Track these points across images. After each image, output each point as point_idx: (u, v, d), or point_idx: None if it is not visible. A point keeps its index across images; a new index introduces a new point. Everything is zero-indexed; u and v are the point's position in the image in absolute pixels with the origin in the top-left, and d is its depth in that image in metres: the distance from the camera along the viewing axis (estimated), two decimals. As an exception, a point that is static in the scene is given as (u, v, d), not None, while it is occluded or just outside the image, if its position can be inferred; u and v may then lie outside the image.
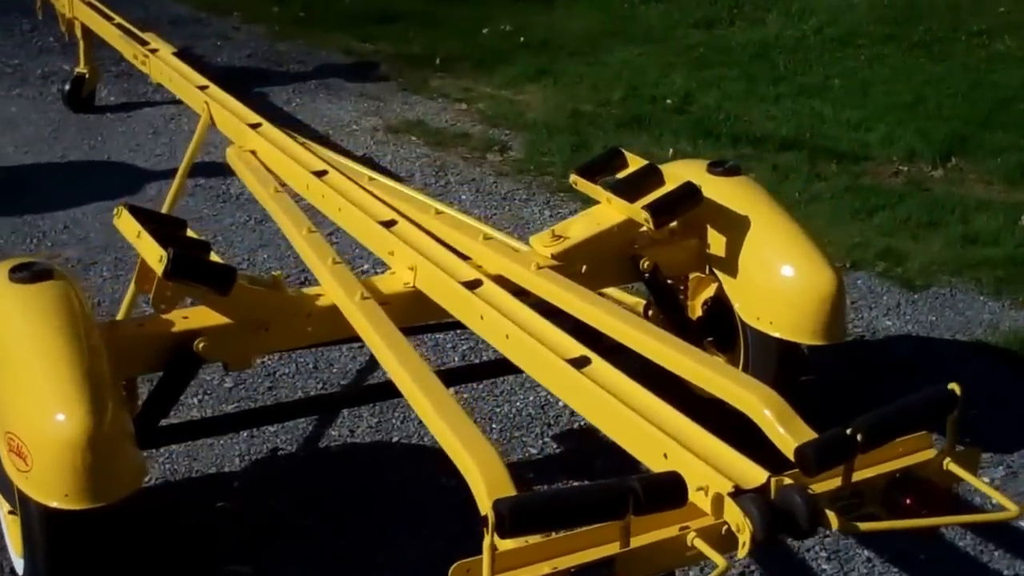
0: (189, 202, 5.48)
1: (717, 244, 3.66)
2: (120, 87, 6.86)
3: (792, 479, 2.46)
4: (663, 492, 2.31)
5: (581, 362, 2.93)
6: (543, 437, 3.88)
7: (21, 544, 3.00)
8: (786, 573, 3.38)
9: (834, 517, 2.38)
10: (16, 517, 3.00)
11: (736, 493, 2.40)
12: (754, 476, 2.47)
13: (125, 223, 3.32)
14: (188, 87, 4.90)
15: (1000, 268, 5.09)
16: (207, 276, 3.15)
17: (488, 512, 2.18)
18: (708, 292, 3.84)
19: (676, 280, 3.92)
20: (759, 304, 3.58)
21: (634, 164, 3.76)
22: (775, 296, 3.53)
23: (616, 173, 3.79)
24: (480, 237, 3.65)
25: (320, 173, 4.05)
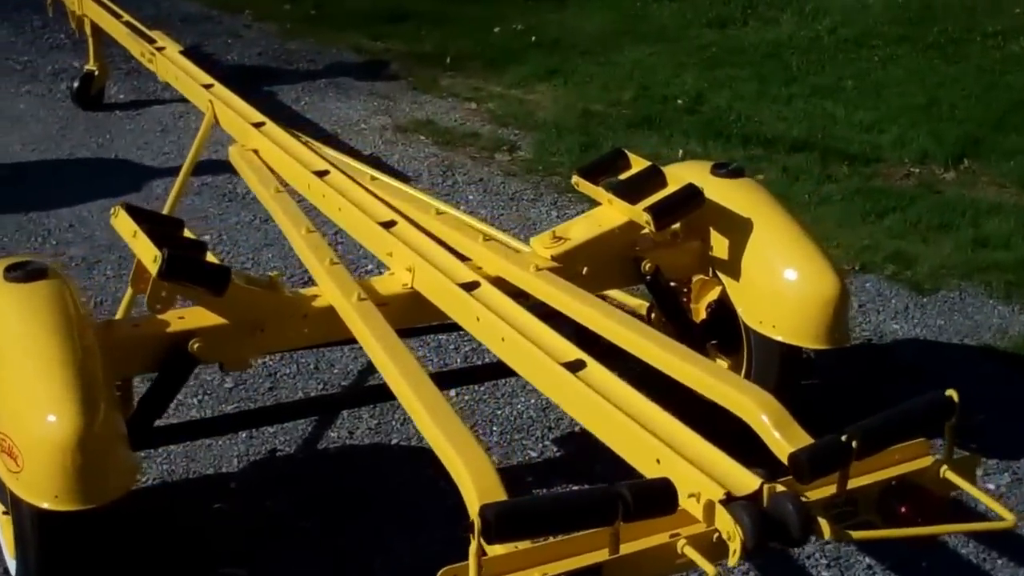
0: (195, 201, 5.48)
1: (720, 246, 3.63)
2: (130, 84, 6.85)
3: (786, 486, 2.44)
4: (653, 499, 2.28)
5: (576, 366, 2.90)
6: (543, 440, 3.85)
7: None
8: (785, 580, 3.36)
9: (826, 525, 2.35)
10: (9, 518, 2.98)
11: (728, 500, 2.37)
12: (746, 483, 2.44)
13: (122, 222, 3.31)
14: (193, 85, 4.89)
15: (1010, 272, 5.04)
16: (202, 277, 3.13)
17: (474, 518, 2.16)
18: (712, 295, 3.81)
19: (680, 283, 3.89)
20: (762, 307, 3.54)
21: (637, 165, 3.74)
22: (778, 299, 3.50)
23: (619, 174, 3.76)
24: (480, 238, 3.63)
25: (321, 173, 4.04)
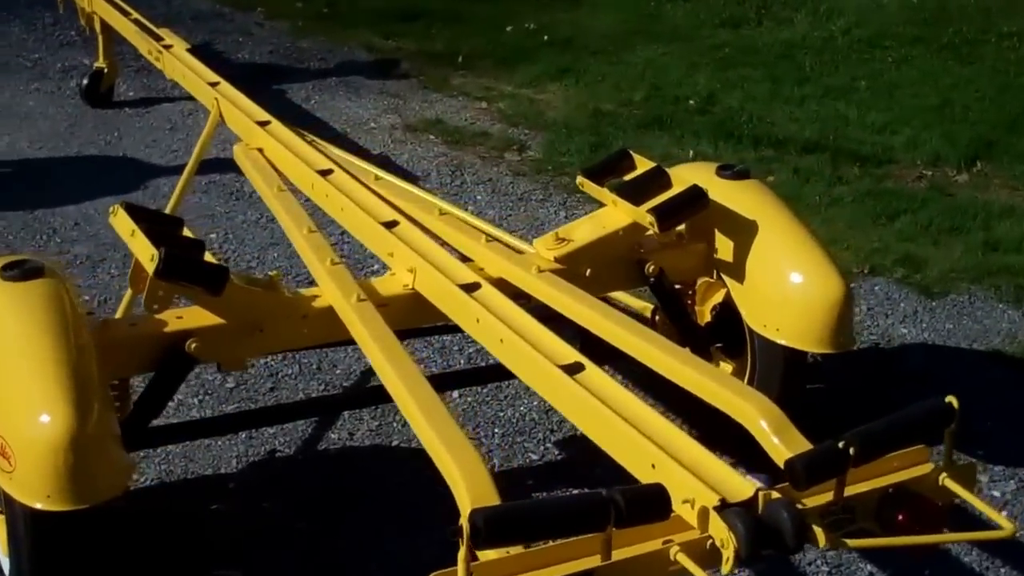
0: (202, 199, 5.46)
1: (724, 249, 3.60)
2: (139, 82, 6.84)
3: (782, 493, 2.41)
4: (646, 504, 2.25)
5: (574, 368, 2.88)
6: (545, 443, 3.82)
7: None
8: (786, 586, 3.33)
9: (821, 533, 2.32)
10: (3, 517, 2.97)
11: (722, 507, 2.34)
12: (741, 489, 2.41)
13: (120, 221, 3.29)
14: (199, 83, 4.88)
15: (1021, 276, 5.00)
16: (199, 276, 3.11)
17: (464, 522, 2.13)
18: (717, 297, 3.78)
19: (685, 285, 3.86)
20: (766, 310, 3.51)
21: (642, 166, 3.71)
22: (782, 303, 3.46)
23: (624, 175, 3.73)
24: (482, 239, 3.61)
25: (325, 172, 4.01)
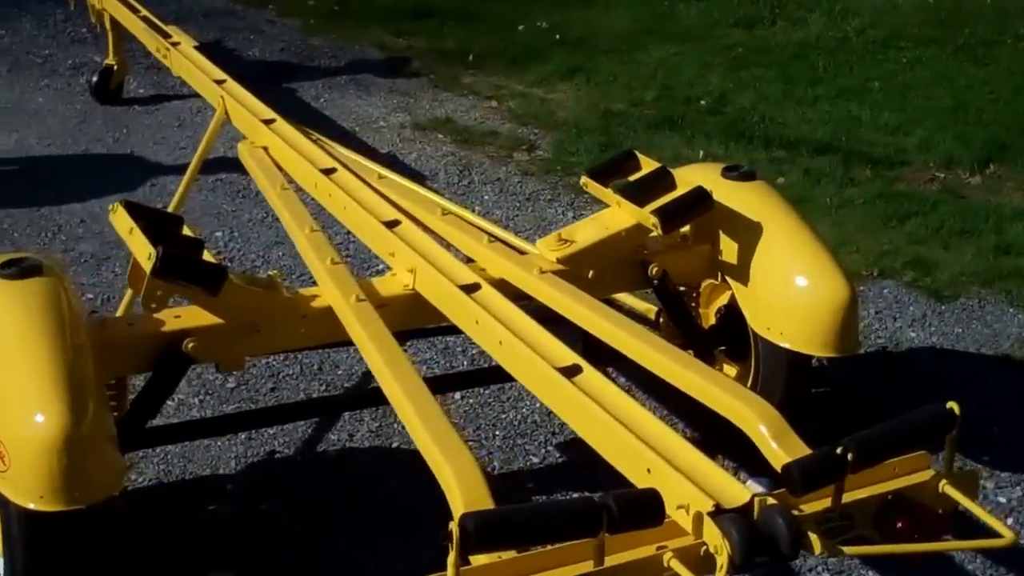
0: (208, 197, 5.45)
1: (729, 251, 3.57)
2: (149, 79, 6.82)
3: (779, 499, 2.38)
4: (639, 510, 2.23)
5: (572, 371, 2.86)
6: (546, 446, 3.79)
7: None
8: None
9: (817, 540, 2.29)
10: (-2, 516, 2.95)
11: (717, 512, 2.32)
12: (737, 495, 2.39)
13: (119, 219, 3.27)
14: (205, 81, 4.87)
15: (1032, 280, 4.96)
16: (196, 275, 3.09)
17: (453, 526, 2.11)
18: (722, 300, 3.75)
19: (690, 287, 3.83)
20: (770, 314, 3.48)
21: (646, 167, 3.68)
22: (786, 306, 3.43)
23: (628, 175, 3.70)
24: (485, 239, 3.58)
25: (328, 171, 3.99)
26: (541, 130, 6.46)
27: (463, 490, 2.47)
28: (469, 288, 3.24)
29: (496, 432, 3.85)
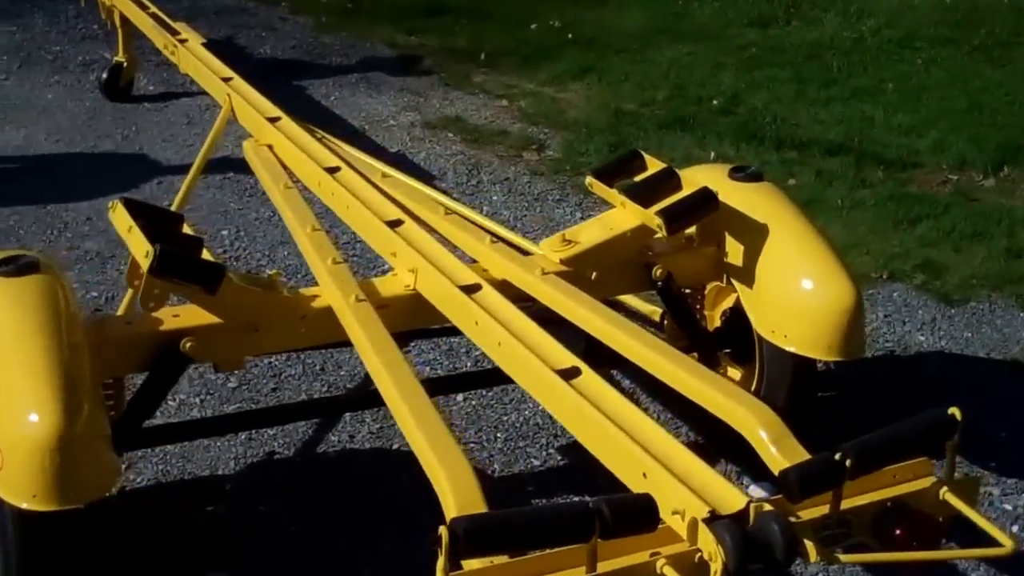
0: (216, 195, 5.43)
1: (735, 253, 3.53)
2: (159, 76, 6.80)
3: (776, 505, 2.35)
4: (632, 515, 2.20)
5: (570, 373, 2.83)
6: (548, 449, 3.76)
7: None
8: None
9: (812, 548, 2.26)
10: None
11: (711, 519, 2.29)
12: (733, 501, 2.36)
13: (118, 217, 3.25)
14: (212, 78, 4.85)
15: (1044, 284, 4.92)
16: (194, 274, 3.07)
17: (443, 531, 2.08)
18: (727, 302, 3.72)
19: (695, 289, 3.80)
20: (774, 316, 3.44)
21: (652, 167, 3.65)
22: (790, 308, 3.39)
23: (634, 176, 3.67)
24: (487, 239, 3.55)
25: (333, 169, 3.97)
26: (551, 130, 6.43)
27: (456, 493, 2.45)
28: (469, 289, 3.22)
29: (498, 434, 3.82)
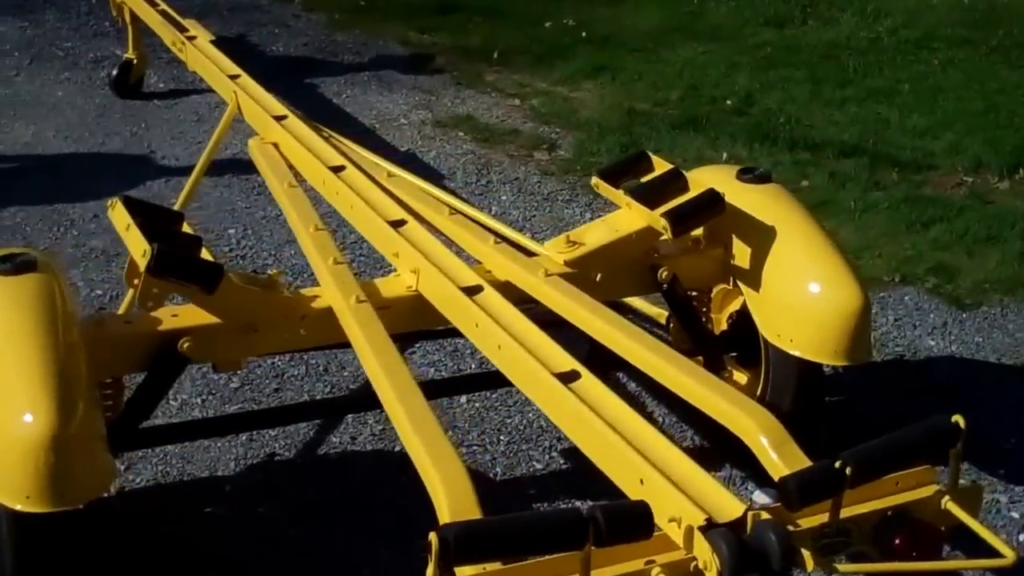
0: (224, 193, 5.41)
1: (742, 255, 3.50)
2: (169, 73, 6.77)
3: (774, 513, 2.31)
4: (627, 523, 2.16)
5: (569, 377, 2.79)
6: (551, 452, 3.73)
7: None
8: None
9: (809, 557, 2.22)
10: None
11: (708, 527, 2.25)
12: (730, 509, 2.32)
13: (117, 215, 3.23)
14: (219, 75, 4.83)
15: (1058, 288, 4.86)
16: (192, 274, 3.04)
17: (432, 538, 2.05)
18: (734, 305, 3.68)
19: (702, 292, 3.76)
20: (780, 320, 3.39)
21: (659, 168, 3.61)
22: (796, 312, 3.35)
23: (640, 177, 3.63)
24: (491, 240, 3.51)
25: (337, 168, 3.94)
26: (563, 129, 6.39)
27: (450, 499, 2.42)
28: (471, 290, 3.18)
29: (501, 437, 3.79)
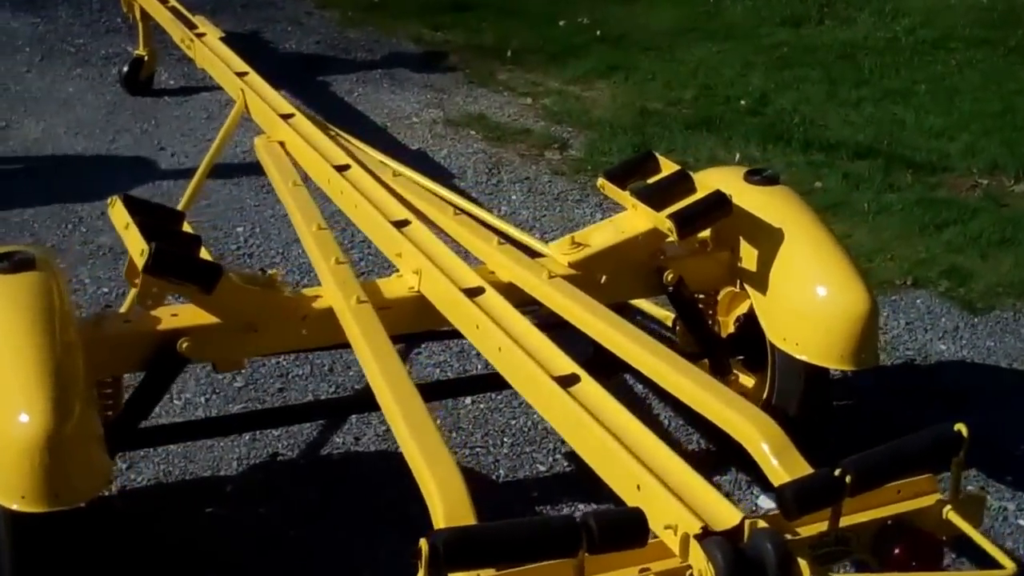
0: (233, 191, 5.39)
1: (749, 258, 3.46)
2: (180, 70, 6.74)
3: (772, 522, 2.28)
4: (621, 530, 2.14)
5: (569, 380, 2.76)
6: (554, 454, 3.69)
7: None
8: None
9: (806, 566, 2.19)
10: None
11: (704, 535, 2.22)
12: (727, 517, 2.28)
13: (117, 213, 3.21)
14: (226, 73, 4.80)
15: (1072, 292, 4.81)
16: (190, 273, 3.02)
17: (422, 544, 2.03)
18: (741, 308, 3.65)
19: (709, 294, 3.73)
20: (786, 324, 3.36)
21: (666, 169, 3.58)
22: (803, 316, 3.32)
23: (647, 178, 3.60)
24: (495, 241, 3.48)
25: (343, 167, 3.91)
26: (575, 129, 6.35)
27: (445, 504, 2.40)
28: (473, 292, 3.15)
29: (504, 439, 3.76)
